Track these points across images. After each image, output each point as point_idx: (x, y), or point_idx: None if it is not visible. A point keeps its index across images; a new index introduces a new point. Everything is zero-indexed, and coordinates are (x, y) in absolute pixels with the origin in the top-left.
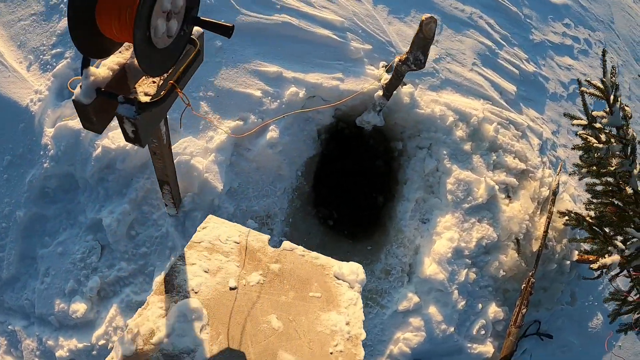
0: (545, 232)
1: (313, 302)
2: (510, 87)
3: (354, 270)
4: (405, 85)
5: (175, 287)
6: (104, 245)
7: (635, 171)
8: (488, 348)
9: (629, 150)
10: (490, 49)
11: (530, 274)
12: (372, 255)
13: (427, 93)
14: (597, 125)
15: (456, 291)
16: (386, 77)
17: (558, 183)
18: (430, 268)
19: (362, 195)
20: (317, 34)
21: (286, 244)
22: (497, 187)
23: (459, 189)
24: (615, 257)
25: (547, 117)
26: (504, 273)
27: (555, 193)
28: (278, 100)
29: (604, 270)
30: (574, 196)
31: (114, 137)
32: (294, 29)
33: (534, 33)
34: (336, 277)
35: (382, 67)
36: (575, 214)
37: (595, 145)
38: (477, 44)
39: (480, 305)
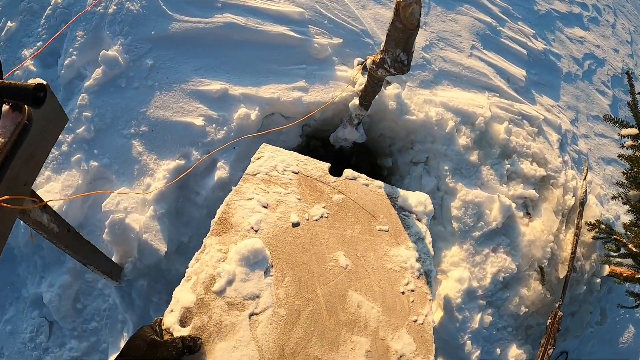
0: (573, 253)
1: (380, 236)
2: (519, 72)
3: (421, 200)
4: (390, 85)
5: (233, 226)
6: (52, 321)
7: None
8: None
9: None
10: (490, 27)
11: (557, 305)
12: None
13: (418, 92)
14: None
15: (469, 341)
16: (362, 80)
17: (586, 191)
18: (437, 316)
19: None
20: (270, 32)
21: (348, 171)
22: (513, 205)
23: (466, 213)
24: None
25: (564, 104)
26: (526, 309)
27: (582, 203)
28: (225, 127)
29: None
30: (600, 197)
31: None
32: (240, 30)
33: (539, 3)
34: (402, 209)
35: (358, 65)
36: (607, 227)
37: None
38: (475, 23)
39: (498, 351)
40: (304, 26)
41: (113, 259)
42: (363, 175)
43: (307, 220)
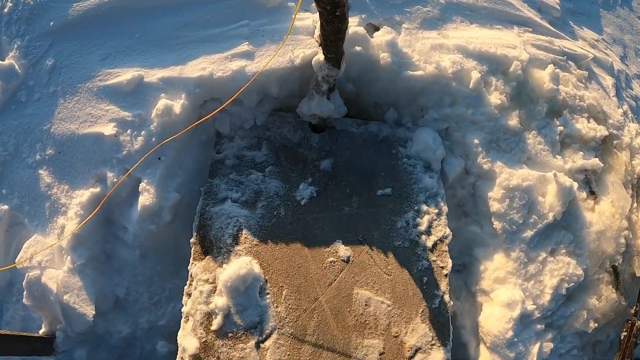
0: None
1: (384, 204)
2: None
3: (428, 143)
4: (378, 30)
5: (213, 242)
6: None
7: None
8: None
9: None
10: None
11: (634, 312)
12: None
13: (421, 36)
14: None
15: None
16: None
17: None
18: (482, 357)
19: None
20: None
21: (341, 120)
22: (575, 184)
23: (512, 206)
24: None
25: (609, 37)
26: (596, 324)
27: None
28: (143, 131)
29: None
30: None
31: None
32: None
33: None
34: (407, 157)
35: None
36: None
37: None
38: None
39: None
40: None
41: (42, 327)
42: (354, 119)
43: (295, 206)
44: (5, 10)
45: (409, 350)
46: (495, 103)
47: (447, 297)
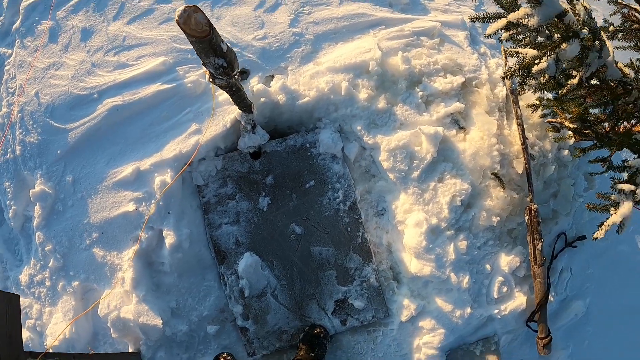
0: (524, 142)
1: (312, 192)
2: None
3: (326, 140)
4: (273, 78)
5: (226, 253)
6: None
7: (610, 57)
8: (518, 300)
9: (591, 40)
10: None
11: (529, 199)
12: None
13: (301, 71)
14: (527, 20)
15: (452, 273)
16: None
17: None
18: (413, 265)
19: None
20: (147, 97)
21: (264, 146)
22: (440, 129)
23: (397, 160)
24: None
25: None
26: (498, 217)
27: (513, 90)
28: (152, 200)
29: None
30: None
31: None
32: (122, 108)
33: None
34: (319, 155)
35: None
36: (549, 100)
37: (532, 63)
38: None
39: (488, 267)
40: (172, 72)
41: (129, 348)
42: (276, 140)
43: (261, 213)
44: (17, 152)
45: (351, 270)
46: (364, 97)
47: (365, 236)
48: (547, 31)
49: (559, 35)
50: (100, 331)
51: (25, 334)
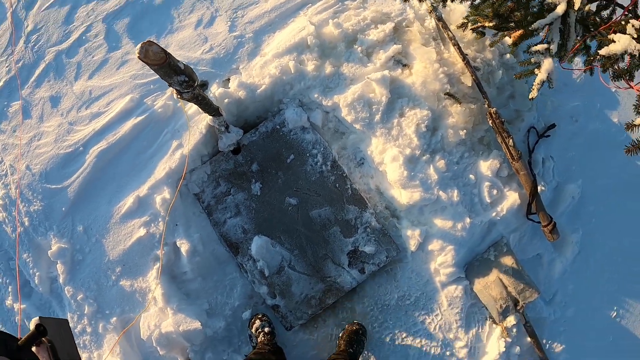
0: (464, 58)
1: (295, 165)
2: None
3: (294, 117)
4: (229, 80)
5: (238, 243)
6: None
7: None
8: (511, 198)
9: None
10: None
11: (486, 105)
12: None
13: (252, 65)
14: None
15: (441, 191)
16: (190, 104)
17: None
18: (403, 197)
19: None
20: (126, 133)
21: (243, 138)
22: (386, 72)
23: (357, 111)
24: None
25: None
26: (465, 130)
27: (439, 17)
28: (159, 219)
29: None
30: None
31: None
32: (108, 150)
33: None
34: (293, 131)
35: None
36: (473, 15)
37: None
38: None
39: (472, 177)
40: (142, 105)
41: (179, 359)
42: (250, 132)
43: (257, 198)
44: (27, 224)
45: (352, 220)
46: (312, 69)
47: (353, 187)
48: None
49: None
50: (149, 355)
51: None
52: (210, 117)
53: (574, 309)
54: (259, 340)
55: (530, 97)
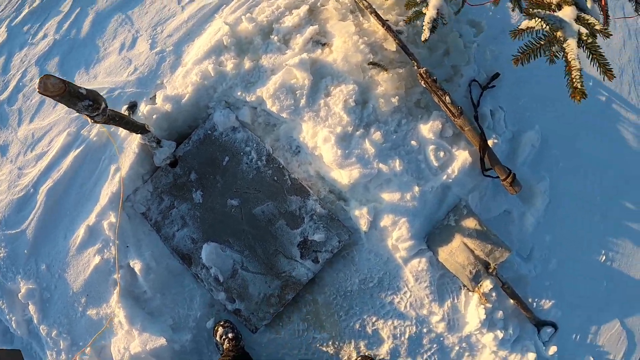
0: (383, 24)
1: (230, 166)
2: None
3: (223, 120)
4: (153, 98)
5: (188, 254)
6: None
7: None
8: (461, 157)
9: None
10: None
11: (415, 66)
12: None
13: (175, 77)
14: None
15: (380, 164)
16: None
17: None
18: (344, 177)
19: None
20: (68, 167)
21: (178, 150)
22: (304, 55)
23: (281, 100)
24: None
25: None
26: (397, 96)
27: None
28: (110, 243)
29: None
30: None
31: None
32: (55, 187)
33: None
34: (224, 133)
35: (125, 110)
36: None
37: None
38: None
39: (413, 143)
40: (79, 137)
41: None
42: (183, 143)
43: (200, 205)
44: None
45: (296, 212)
46: (231, 67)
47: (291, 177)
48: None
49: None
50: None
51: None
52: (139, 135)
53: (555, 260)
54: (224, 347)
55: (422, 39)
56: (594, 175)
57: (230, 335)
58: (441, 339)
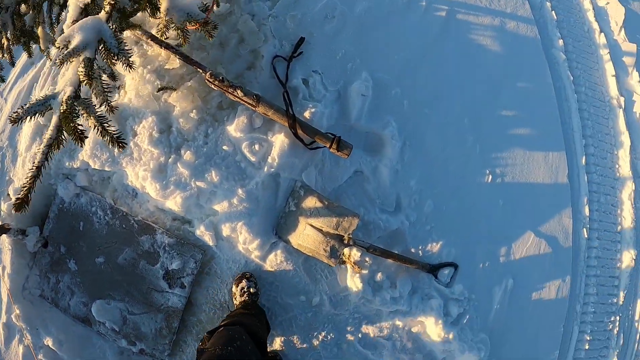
0: (161, 45)
1: (86, 229)
2: None
3: (62, 188)
4: (8, 195)
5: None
6: None
7: None
8: (278, 141)
9: None
10: None
11: (202, 72)
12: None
13: (17, 168)
14: None
15: (197, 182)
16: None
17: None
18: (176, 205)
19: None
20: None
21: (45, 230)
22: (103, 107)
23: (99, 156)
24: None
25: None
26: (194, 110)
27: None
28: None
29: None
30: None
31: None
32: None
33: None
34: (69, 204)
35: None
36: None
37: None
38: None
39: (225, 147)
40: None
41: None
42: (45, 223)
43: (77, 272)
44: None
45: (151, 249)
46: None
47: (137, 218)
48: None
49: None
50: None
51: None
52: (4, 235)
53: (431, 201)
54: (241, 300)
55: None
56: (451, 96)
57: (252, 290)
58: (330, 316)
